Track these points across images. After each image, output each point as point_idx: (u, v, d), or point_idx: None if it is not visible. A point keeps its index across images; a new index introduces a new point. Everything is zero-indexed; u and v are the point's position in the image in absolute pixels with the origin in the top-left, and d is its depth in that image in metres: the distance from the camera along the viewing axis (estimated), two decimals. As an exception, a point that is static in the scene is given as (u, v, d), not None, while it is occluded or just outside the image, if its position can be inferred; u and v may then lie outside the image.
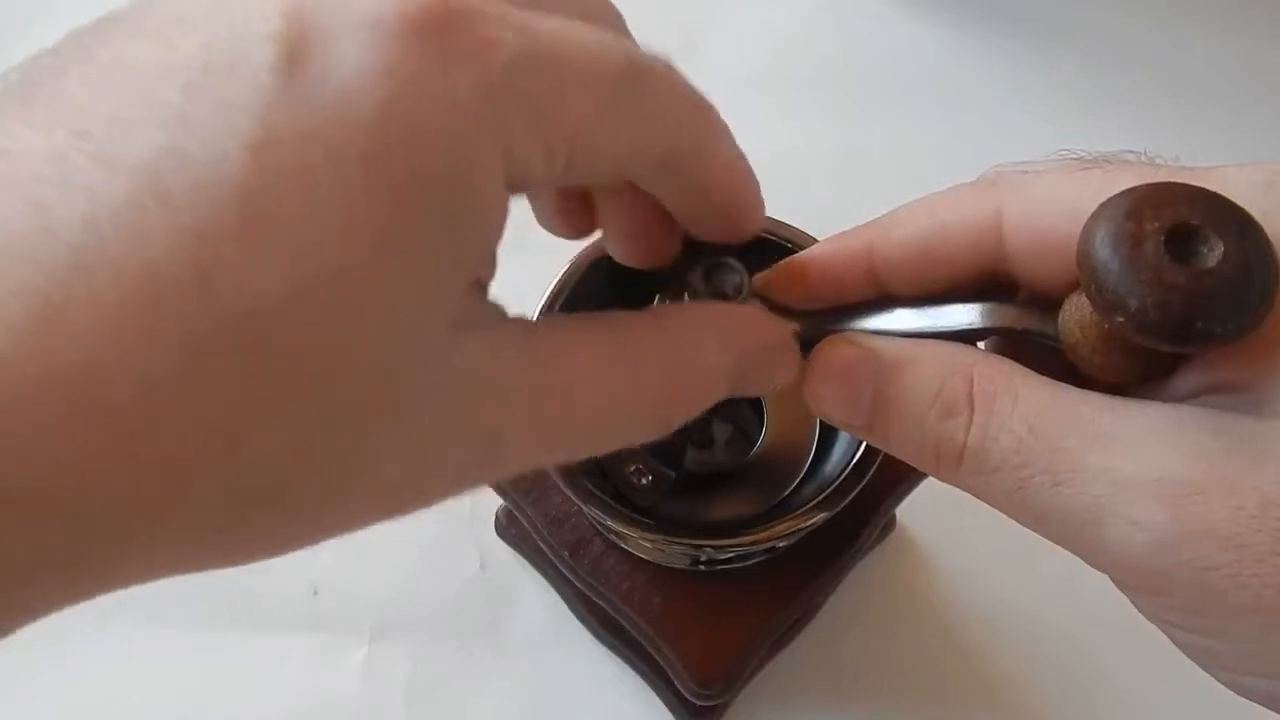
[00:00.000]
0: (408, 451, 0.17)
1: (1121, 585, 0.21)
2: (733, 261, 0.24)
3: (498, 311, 0.18)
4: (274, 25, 0.15)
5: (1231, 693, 0.20)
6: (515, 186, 0.17)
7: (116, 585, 0.16)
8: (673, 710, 0.41)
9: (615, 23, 0.21)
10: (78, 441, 0.14)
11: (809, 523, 0.30)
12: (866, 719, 0.42)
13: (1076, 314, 0.21)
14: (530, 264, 0.26)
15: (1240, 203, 0.19)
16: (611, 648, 0.42)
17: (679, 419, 0.21)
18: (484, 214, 0.17)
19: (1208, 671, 0.21)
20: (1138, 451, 0.19)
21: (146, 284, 0.14)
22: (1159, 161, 0.22)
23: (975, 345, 0.24)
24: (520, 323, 0.18)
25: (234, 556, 0.17)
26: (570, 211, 0.24)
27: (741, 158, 0.22)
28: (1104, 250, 0.19)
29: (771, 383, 0.23)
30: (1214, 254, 0.18)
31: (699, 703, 0.37)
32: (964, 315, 0.23)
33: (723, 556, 0.33)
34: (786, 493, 0.34)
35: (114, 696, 0.41)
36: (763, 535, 0.30)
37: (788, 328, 0.23)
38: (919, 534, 0.45)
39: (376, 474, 0.17)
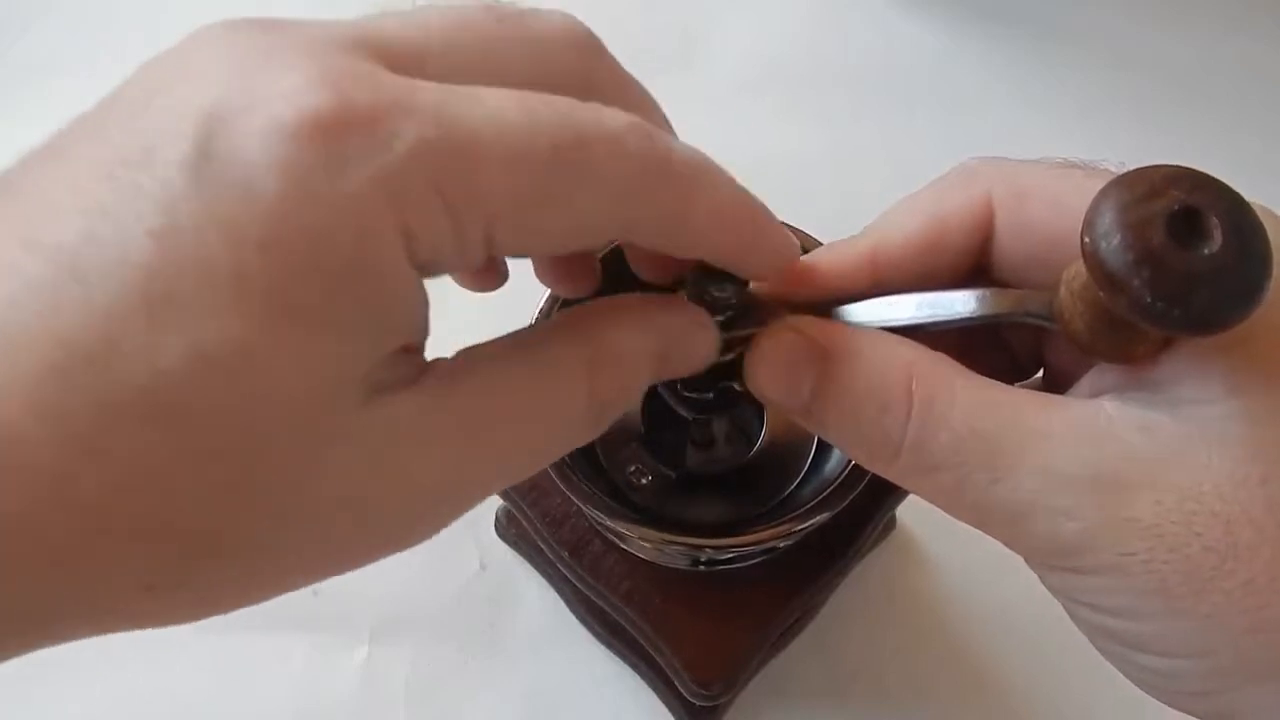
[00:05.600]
0: (343, 506, 0.18)
1: (1038, 565, 0.22)
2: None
3: (418, 367, 0.19)
4: (188, 124, 0.16)
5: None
6: (428, 267, 0.18)
7: (66, 636, 0.17)
8: (673, 710, 0.41)
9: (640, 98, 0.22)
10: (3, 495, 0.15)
11: (809, 523, 0.30)
12: (866, 719, 0.42)
13: (1072, 289, 0.21)
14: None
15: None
16: (611, 648, 0.42)
17: (612, 413, 0.21)
18: (388, 294, 0.17)
19: (1104, 651, 0.22)
20: (1071, 449, 0.20)
21: (58, 355, 0.15)
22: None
23: (966, 336, 0.24)
24: (440, 371, 0.19)
25: (175, 612, 0.18)
26: (568, 275, 0.26)
27: (740, 204, 0.21)
28: (1108, 229, 0.19)
29: (694, 361, 0.23)
30: (1214, 242, 0.18)
31: (699, 703, 0.37)
32: (963, 303, 0.23)
33: (723, 556, 0.33)
34: (786, 493, 0.34)
35: (114, 696, 0.41)
36: (763, 535, 0.30)
37: (700, 310, 0.24)
38: (919, 534, 0.45)
39: (312, 530, 0.18)
